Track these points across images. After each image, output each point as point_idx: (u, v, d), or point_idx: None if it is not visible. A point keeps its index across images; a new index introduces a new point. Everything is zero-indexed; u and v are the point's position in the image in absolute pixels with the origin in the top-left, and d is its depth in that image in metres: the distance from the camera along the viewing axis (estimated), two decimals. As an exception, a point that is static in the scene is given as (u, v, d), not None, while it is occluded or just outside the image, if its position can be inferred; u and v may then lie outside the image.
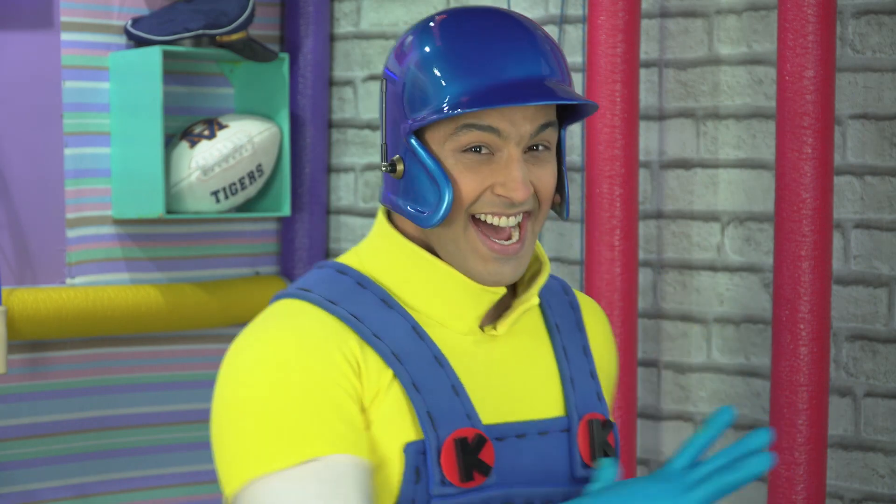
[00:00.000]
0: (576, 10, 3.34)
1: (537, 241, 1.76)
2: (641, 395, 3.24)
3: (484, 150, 1.65)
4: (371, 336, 1.63)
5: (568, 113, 1.73)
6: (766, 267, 3.06)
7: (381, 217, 1.73)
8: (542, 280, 1.73)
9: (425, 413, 1.62)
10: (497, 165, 1.65)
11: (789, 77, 2.78)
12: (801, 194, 2.78)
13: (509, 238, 1.67)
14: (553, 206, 1.73)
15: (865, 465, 2.93)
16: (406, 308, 1.68)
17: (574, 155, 3.35)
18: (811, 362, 2.79)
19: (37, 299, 3.34)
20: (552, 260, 3.40)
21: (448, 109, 1.62)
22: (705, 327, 3.16)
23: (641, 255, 3.23)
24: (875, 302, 2.91)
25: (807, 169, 2.78)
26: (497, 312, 1.74)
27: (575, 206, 3.34)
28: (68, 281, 3.49)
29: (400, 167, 1.68)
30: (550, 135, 1.67)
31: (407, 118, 1.67)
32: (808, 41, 2.76)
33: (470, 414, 1.64)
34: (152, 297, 3.52)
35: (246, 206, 3.72)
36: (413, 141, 1.66)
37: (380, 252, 1.71)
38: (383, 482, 1.63)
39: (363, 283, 1.68)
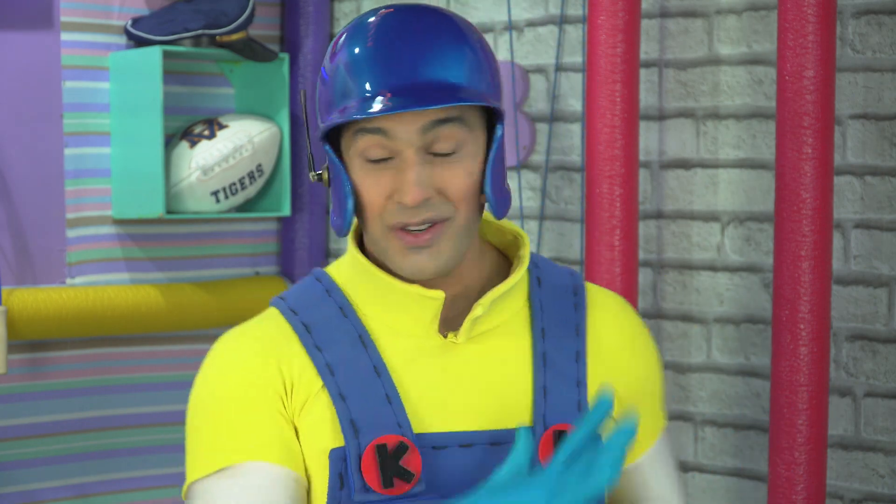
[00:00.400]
0: (576, 10, 3.34)
1: (526, 247, 1.74)
2: (641, 395, 3.24)
3: (386, 155, 1.64)
4: (312, 347, 1.68)
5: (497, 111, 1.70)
6: (766, 267, 3.06)
7: (351, 230, 1.75)
8: (497, 291, 1.70)
9: (348, 421, 1.64)
10: (394, 171, 1.64)
11: (789, 77, 2.78)
12: (801, 194, 2.78)
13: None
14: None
15: (865, 465, 2.93)
16: (362, 317, 1.71)
17: (574, 155, 3.35)
18: (811, 362, 2.79)
19: (37, 299, 3.34)
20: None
21: (335, 117, 1.63)
22: (705, 327, 3.16)
23: (641, 255, 3.23)
24: (875, 302, 2.91)
25: (807, 169, 2.78)
26: (463, 319, 1.72)
27: (575, 206, 3.34)
28: (68, 281, 3.49)
29: (325, 175, 1.71)
30: (452, 132, 1.63)
31: (320, 123, 1.69)
32: (808, 41, 2.76)
33: (401, 422, 1.64)
34: (152, 297, 3.52)
35: (246, 206, 3.72)
36: (327, 148, 1.68)
37: (345, 262, 1.75)
38: (316, 489, 1.67)
39: (330, 291, 1.73)
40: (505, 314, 1.73)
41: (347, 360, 1.67)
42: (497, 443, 1.68)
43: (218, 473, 1.64)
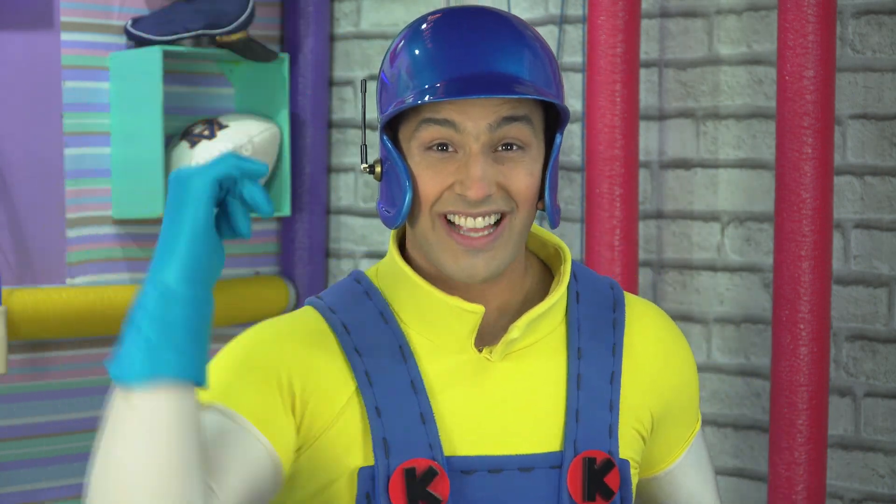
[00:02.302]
0: (576, 10, 3.34)
1: (568, 262, 1.71)
2: (641, 395, 3.24)
3: (450, 149, 1.62)
4: (352, 350, 1.64)
5: (559, 118, 1.68)
6: (766, 267, 3.06)
7: (392, 231, 1.72)
8: (536, 311, 1.67)
9: (381, 439, 1.61)
10: (459, 163, 1.61)
11: (789, 77, 2.78)
12: (801, 194, 2.78)
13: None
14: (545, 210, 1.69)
15: (865, 465, 2.93)
16: (402, 324, 1.68)
17: (574, 155, 3.35)
18: (811, 362, 2.79)
19: (37, 299, 3.34)
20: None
21: (404, 103, 1.60)
22: (705, 327, 3.16)
23: (641, 255, 3.23)
24: (875, 302, 2.91)
25: (807, 169, 2.78)
26: (501, 335, 1.69)
27: (575, 206, 3.34)
28: (68, 281, 3.49)
29: (378, 169, 1.68)
30: (520, 132, 1.62)
31: (381, 114, 1.67)
32: (808, 41, 2.76)
33: (433, 444, 1.61)
34: (152, 297, 3.51)
35: (246, 206, 3.71)
36: (384, 138, 1.65)
37: (385, 266, 1.72)
38: (332, 499, 1.63)
39: (370, 294, 1.69)
40: (542, 332, 1.69)
41: (386, 372, 1.64)
42: (526, 468, 1.65)
43: (208, 405, 1.60)
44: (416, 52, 1.63)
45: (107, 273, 3.55)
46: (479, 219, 1.61)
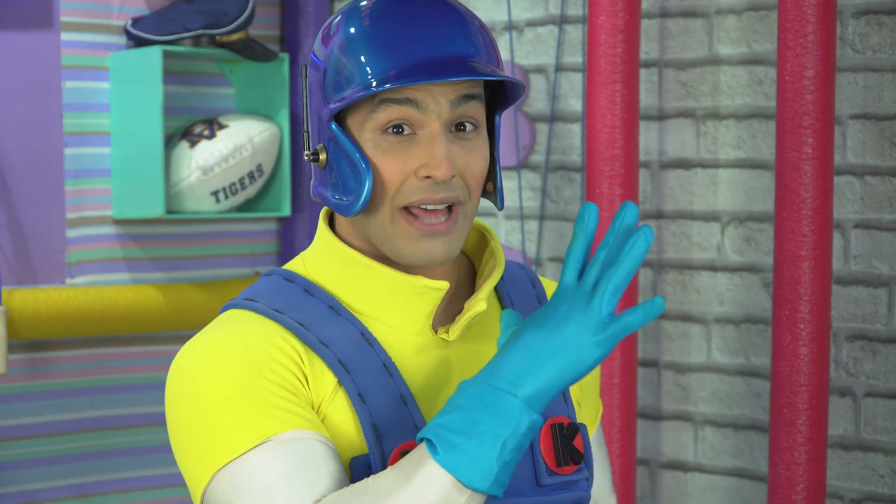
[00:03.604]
0: (576, 10, 3.34)
1: (496, 240, 1.72)
2: (641, 395, 3.24)
3: (406, 131, 1.59)
4: (317, 343, 1.60)
5: (500, 100, 1.67)
6: (766, 267, 3.06)
7: (321, 221, 1.69)
8: (491, 283, 1.66)
9: (370, 425, 1.59)
10: (419, 146, 1.59)
11: (789, 77, 2.78)
12: (801, 194, 2.78)
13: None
14: (488, 196, 1.68)
15: (865, 465, 2.93)
16: (355, 314, 1.64)
17: (574, 155, 3.35)
18: (811, 362, 2.79)
19: (37, 299, 3.34)
20: (553, 260, 3.41)
21: (376, 85, 1.56)
22: (705, 327, 3.16)
23: (641, 255, 3.23)
24: (875, 302, 2.91)
25: (807, 169, 2.78)
26: (451, 316, 1.68)
27: (575, 206, 3.34)
28: (68, 281, 3.49)
29: (323, 156, 1.63)
30: (475, 110, 1.61)
31: (328, 102, 1.61)
32: (808, 41, 2.76)
33: (418, 424, 1.60)
34: (152, 297, 3.52)
35: (246, 206, 3.72)
36: (333, 126, 1.60)
37: (322, 258, 1.67)
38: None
39: (310, 290, 1.64)
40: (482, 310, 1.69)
41: (357, 358, 1.60)
42: None
43: (242, 457, 1.53)
44: (368, 33, 1.60)
45: (107, 273, 3.55)
46: (441, 207, 1.60)
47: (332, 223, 1.70)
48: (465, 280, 1.72)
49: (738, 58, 3.10)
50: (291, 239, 3.82)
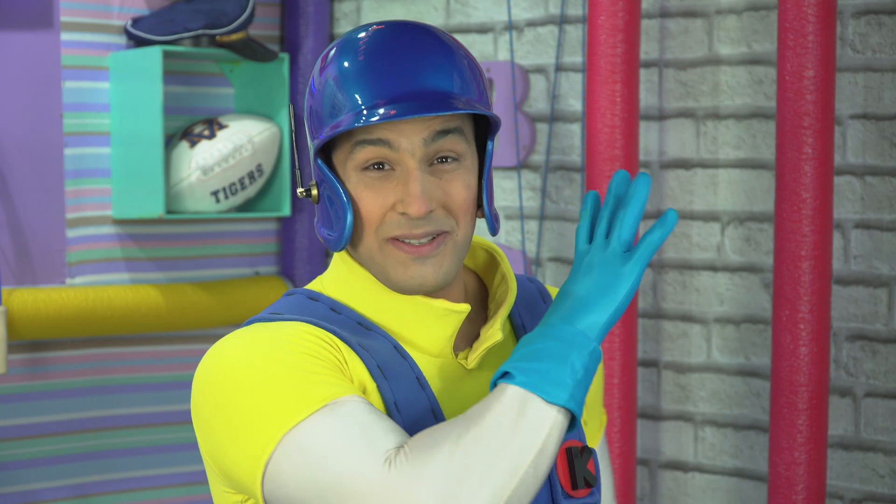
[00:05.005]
0: (576, 10, 3.34)
1: (506, 262, 1.73)
2: (641, 395, 3.24)
3: (386, 167, 1.62)
4: (358, 346, 1.62)
5: (489, 127, 1.69)
6: (766, 267, 3.06)
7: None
8: (505, 311, 1.69)
9: None
10: (397, 182, 1.61)
11: (789, 77, 2.78)
12: (801, 194, 2.78)
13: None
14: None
15: (865, 465, 2.93)
16: (384, 330, 1.66)
17: (574, 155, 3.35)
18: (811, 362, 2.79)
19: (37, 299, 3.34)
20: (553, 260, 3.41)
21: (329, 131, 1.60)
22: (705, 327, 3.16)
23: (641, 255, 3.23)
24: (875, 302, 2.91)
25: (807, 169, 2.78)
26: (467, 338, 1.70)
27: (575, 206, 3.34)
28: (68, 281, 3.49)
29: (315, 192, 1.67)
30: (453, 143, 1.62)
31: (313, 139, 1.65)
32: (808, 41, 2.76)
33: None
34: (152, 297, 3.52)
35: (246, 206, 3.72)
36: (319, 162, 1.64)
37: (343, 280, 1.68)
38: None
39: (336, 309, 1.66)
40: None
41: (393, 367, 1.63)
42: None
43: (310, 417, 1.52)
44: (343, 73, 1.63)
45: (106, 273, 3.55)
46: (425, 240, 1.62)
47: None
48: (476, 302, 1.74)
49: (738, 58, 3.10)
50: (291, 239, 3.82)
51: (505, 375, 1.53)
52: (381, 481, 1.47)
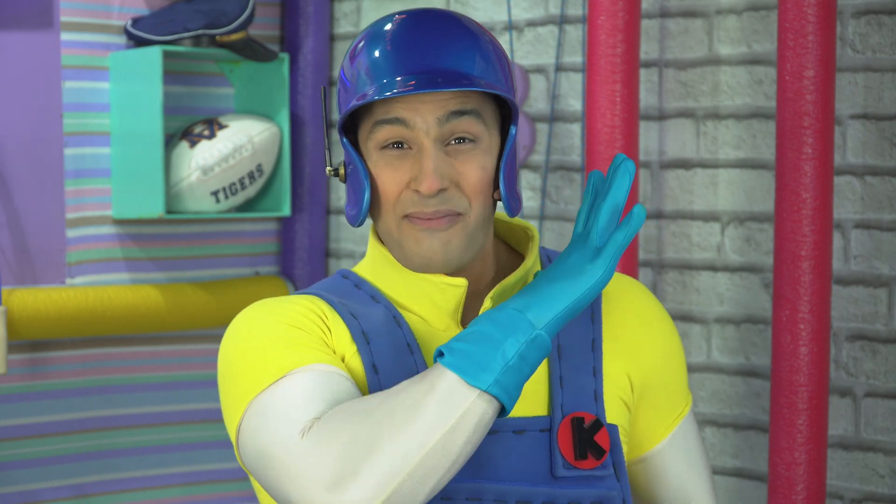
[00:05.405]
0: (576, 10, 3.34)
1: (535, 240, 1.77)
2: (641, 395, 3.24)
3: (404, 146, 1.68)
4: (348, 314, 1.71)
5: (512, 110, 1.73)
6: (766, 267, 3.06)
7: (371, 228, 1.79)
8: (504, 284, 1.73)
9: None
10: (412, 160, 1.68)
11: (789, 77, 2.78)
12: (801, 194, 2.78)
13: None
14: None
15: (865, 465, 2.93)
16: (393, 304, 1.74)
17: (574, 155, 3.35)
18: (811, 362, 2.79)
19: (37, 299, 3.34)
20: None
21: (353, 102, 1.67)
22: (705, 327, 3.16)
23: (641, 255, 3.23)
24: (875, 302, 2.91)
25: (807, 169, 2.78)
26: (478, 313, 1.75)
27: (575, 206, 3.34)
28: (68, 281, 3.49)
29: (342, 171, 1.75)
30: (469, 125, 1.68)
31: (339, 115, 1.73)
32: (808, 41, 2.76)
33: None
34: (152, 297, 3.52)
35: (246, 206, 3.72)
36: (344, 140, 1.72)
37: (370, 258, 1.78)
38: None
39: (359, 285, 1.76)
40: None
41: (381, 332, 1.70)
42: (519, 430, 1.71)
43: (270, 387, 1.64)
44: (366, 55, 1.69)
45: (106, 273, 3.55)
46: (436, 221, 1.68)
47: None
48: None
49: (738, 58, 3.10)
50: (291, 239, 3.82)
51: (441, 350, 1.58)
52: (293, 448, 1.56)
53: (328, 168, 1.75)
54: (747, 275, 3.10)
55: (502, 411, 1.57)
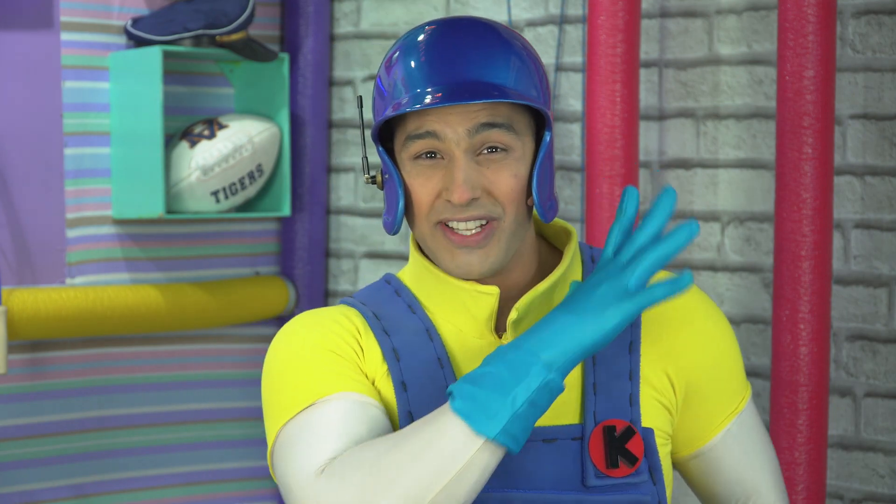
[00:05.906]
0: (576, 10, 3.34)
1: (574, 242, 1.77)
2: (641, 395, 3.24)
3: (437, 155, 1.70)
4: (380, 332, 1.73)
5: (545, 118, 1.74)
6: (766, 267, 3.06)
7: (411, 234, 1.81)
8: (532, 293, 1.73)
9: (406, 413, 1.69)
10: (445, 170, 1.69)
11: (789, 77, 2.78)
12: (801, 194, 2.78)
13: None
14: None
15: (865, 465, 2.93)
16: (430, 314, 1.76)
17: (574, 155, 3.35)
18: (811, 362, 2.79)
19: (37, 299, 3.34)
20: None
21: (386, 113, 1.69)
22: (705, 327, 3.16)
23: (641, 255, 3.23)
24: (875, 302, 2.91)
25: (807, 169, 2.78)
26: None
27: (575, 206, 3.34)
28: (68, 281, 3.49)
29: (379, 178, 1.77)
30: (500, 136, 1.68)
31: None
32: (808, 41, 2.76)
33: None
34: (152, 297, 3.52)
35: (246, 206, 3.72)
36: (380, 150, 1.74)
37: (410, 265, 1.80)
38: None
39: (399, 292, 1.78)
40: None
41: (413, 348, 1.72)
42: (549, 439, 1.71)
43: (299, 414, 1.67)
44: (400, 66, 1.71)
45: (106, 273, 3.55)
46: (471, 222, 1.69)
47: None
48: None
49: (738, 58, 3.10)
50: (291, 239, 3.82)
51: (451, 391, 1.58)
52: (307, 487, 1.60)
53: (365, 176, 1.78)
54: (747, 275, 3.10)
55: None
